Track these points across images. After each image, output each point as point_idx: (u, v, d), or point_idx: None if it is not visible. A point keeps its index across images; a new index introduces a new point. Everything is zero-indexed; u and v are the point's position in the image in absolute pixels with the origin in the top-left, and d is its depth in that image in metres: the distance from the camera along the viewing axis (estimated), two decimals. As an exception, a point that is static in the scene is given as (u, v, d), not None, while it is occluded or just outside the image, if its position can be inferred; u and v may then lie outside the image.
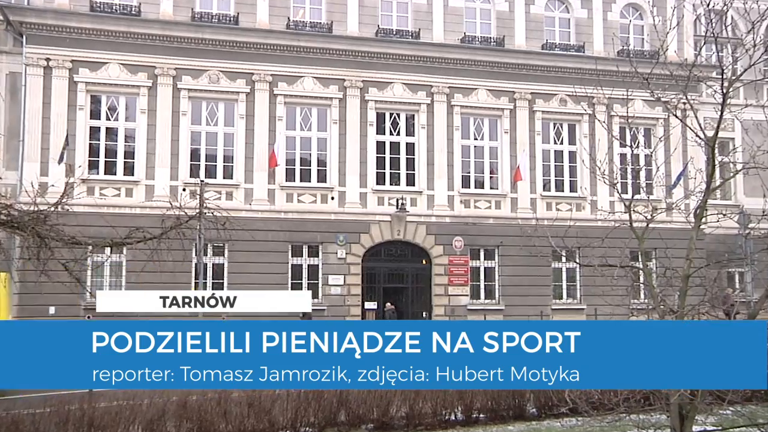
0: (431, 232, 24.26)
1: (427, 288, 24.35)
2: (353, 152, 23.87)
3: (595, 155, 22.09)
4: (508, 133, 25.18)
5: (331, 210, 23.53)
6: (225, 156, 23.30)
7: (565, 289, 25.10)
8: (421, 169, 24.47)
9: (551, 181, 25.63)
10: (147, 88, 22.65)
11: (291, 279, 22.94)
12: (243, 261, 22.36)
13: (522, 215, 24.33)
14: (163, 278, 19.07)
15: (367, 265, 23.77)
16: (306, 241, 23.29)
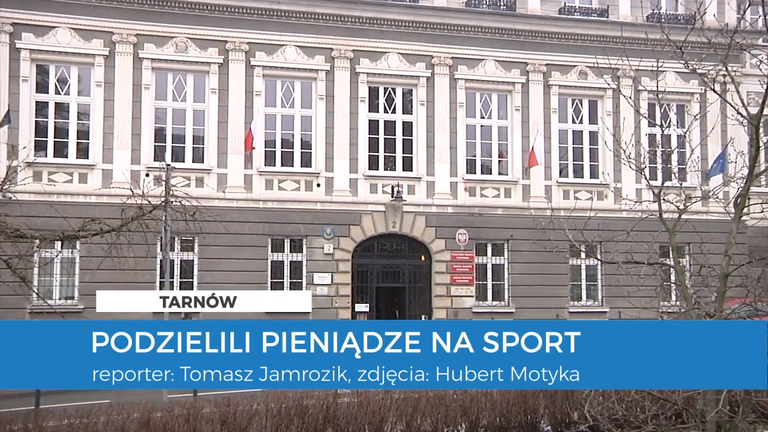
0: (431, 224, 24.33)
1: (426, 288, 24.47)
2: (342, 132, 23.91)
3: (619, 136, 21.92)
4: (519, 110, 25.26)
5: (316, 198, 23.61)
6: (194, 136, 23.33)
7: (585, 289, 25.25)
8: (419, 152, 24.57)
9: (569, 166, 25.70)
10: (103, 57, 22.58)
11: (271, 277, 23.08)
12: (215, 257, 22.47)
13: (535, 205, 24.45)
14: (123, 277, 18.91)
15: (357, 261, 23.89)
16: (288, 235, 23.38)
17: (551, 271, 24.04)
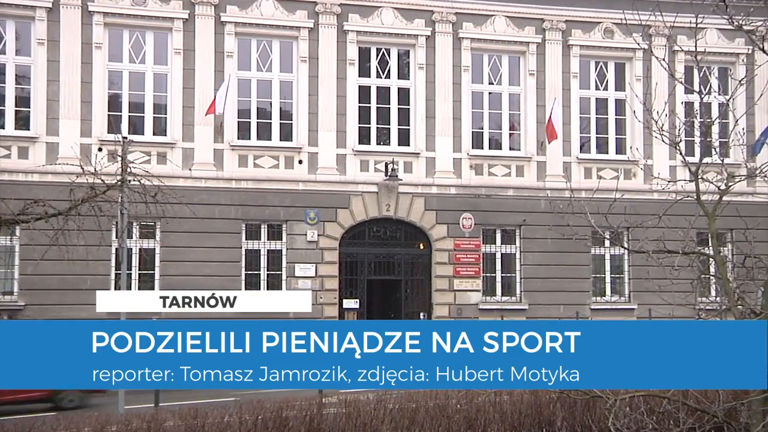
0: (431, 208, 24.30)
1: (425, 281, 24.46)
2: (328, 101, 23.83)
3: (651, 104, 21.94)
4: (534, 75, 25.21)
5: (298, 177, 23.59)
6: (155, 105, 23.21)
7: (609, 283, 25.30)
8: (417, 124, 24.49)
9: (591, 140, 25.62)
10: (45, 10, 22.37)
11: (245, 269, 23.15)
12: (180, 245, 22.47)
13: (552, 185, 24.38)
14: (73, 268, 19.02)
15: (346, 250, 23.93)
16: (265, 219, 23.37)
17: (570, 261, 24.04)
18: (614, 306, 24.79)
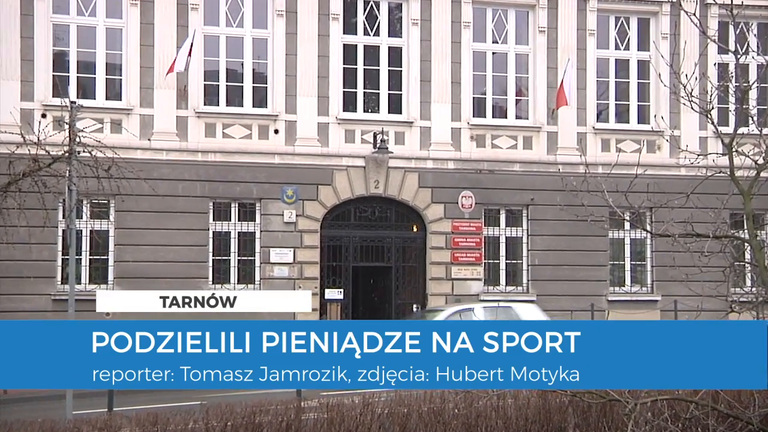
0: (426, 184, 24.35)
1: (419, 268, 24.54)
2: (308, 61, 23.76)
3: (679, 67, 21.80)
4: (544, 32, 25.21)
5: (273, 149, 23.65)
6: (108, 65, 23.09)
7: (629, 271, 25.38)
8: (411, 89, 24.46)
9: (610, 107, 25.67)
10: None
11: (213, 253, 23.30)
12: (138, 227, 22.49)
13: (564, 159, 24.43)
14: (13, 253, 19.08)
15: (328, 233, 24.01)
16: (236, 197, 23.45)
17: (585, 246, 24.18)
18: (635, 297, 24.88)
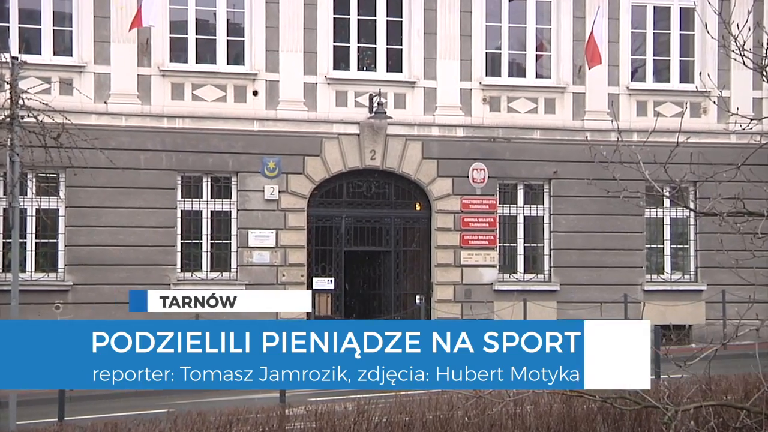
0: (431, 155, 24.30)
1: (423, 254, 24.72)
2: (292, 11, 23.64)
3: (729, 16, 21.87)
4: (569, -24, 25.27)
5: (252, 114, 23.64)
6: (57, 14, 22.94)
7: (669, 256, 25.51)
8: (413, 43, 24.37)
9: (647, 64, 25.80)
10: None
11: (181, 236, 23.38)
12: (93, 205, 22.49)
13: (593, 125, 24.45)
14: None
15: (317, 212, 24.09)
16: (209, 171, 23.51)
17: (616, 228, 24.41)
18: (676, 287, 25.00)
